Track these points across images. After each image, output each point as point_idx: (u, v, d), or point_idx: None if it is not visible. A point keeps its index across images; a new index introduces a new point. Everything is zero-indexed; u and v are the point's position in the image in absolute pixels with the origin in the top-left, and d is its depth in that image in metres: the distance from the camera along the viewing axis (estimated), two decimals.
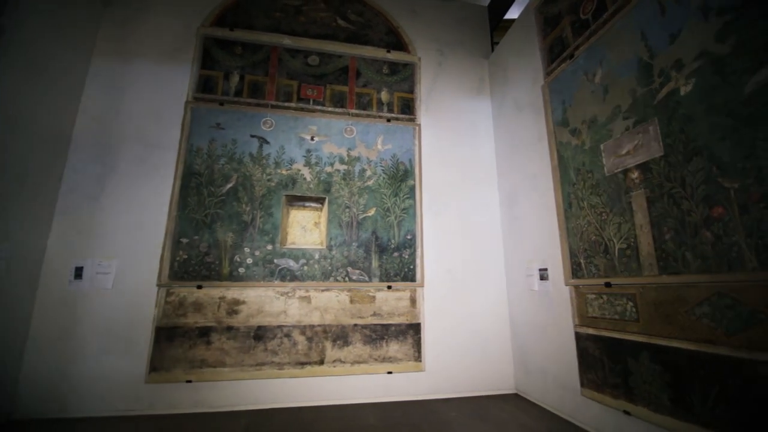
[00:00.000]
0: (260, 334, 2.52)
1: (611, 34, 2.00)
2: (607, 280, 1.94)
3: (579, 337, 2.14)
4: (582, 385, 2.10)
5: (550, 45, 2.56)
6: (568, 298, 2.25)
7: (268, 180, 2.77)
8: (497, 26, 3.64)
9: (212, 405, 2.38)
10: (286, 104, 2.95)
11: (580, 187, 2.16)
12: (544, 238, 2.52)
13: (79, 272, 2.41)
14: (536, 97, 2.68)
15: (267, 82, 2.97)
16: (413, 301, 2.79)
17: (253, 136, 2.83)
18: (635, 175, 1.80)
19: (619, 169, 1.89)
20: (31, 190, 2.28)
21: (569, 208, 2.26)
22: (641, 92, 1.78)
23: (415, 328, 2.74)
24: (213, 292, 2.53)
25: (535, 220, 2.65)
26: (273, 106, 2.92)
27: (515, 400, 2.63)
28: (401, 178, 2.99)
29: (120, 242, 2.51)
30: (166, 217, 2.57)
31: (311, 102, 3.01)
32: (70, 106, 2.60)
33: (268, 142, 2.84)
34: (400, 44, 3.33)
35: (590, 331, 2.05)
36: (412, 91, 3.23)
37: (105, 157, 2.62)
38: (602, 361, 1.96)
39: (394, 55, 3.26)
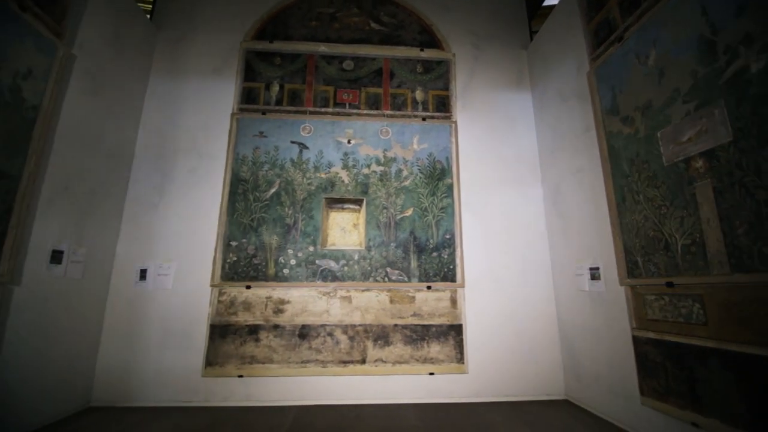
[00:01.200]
0: (304, 332, 2.61)
1: (665, 11, 1.84)
2: (669, 279, 1.77)
3: (637, 341, 1.98)
4: (642, 393, 1.94)
5: (596, 29, 2.40)
6: (623, 299, 2.09)
7: (309, 184, 2.86)
8: (535, 14, 3.49)
9: (261, 399, 2.50)
10: (324, 110, 3.04)
11: (635, 179, 2.00)
12: (595, 235, 2.37)
13: (143, 274, 2.65)
14: (581, 86, 2.52)
15: (305, 89, 3.08)
16: (454, 301, 2.74)
17: (293, 142, 2.94)
18: (699, 163, 1.63)
19: (680, 158, 1.72)
20: (102, 200, 2.54)
21: (622, 202, 2.10)
22: (703, 72, 1.62)
23: (456, 330, 2.69)
24: (260, 291, 2.66)
25: (584, 216, 2.50)
26: (311, 113, 3.02)
27: (566, 406, 2.49)
28: (438, 177, 2.96)
29: (177, 246, 2.72)
30: (217, 221, 2.75)
31: (347, 106, 3.07)
32: (132, 123, 2.87)
33: (307, 147, 2.94)
34: (433, 42, 3.29)
35: (650, 334, 1.89)
36: (447, 88, 3.18)
37: (163, 168, 2.86)
38: (665, 367, 1.80)
39: (428, 53, 3.24)
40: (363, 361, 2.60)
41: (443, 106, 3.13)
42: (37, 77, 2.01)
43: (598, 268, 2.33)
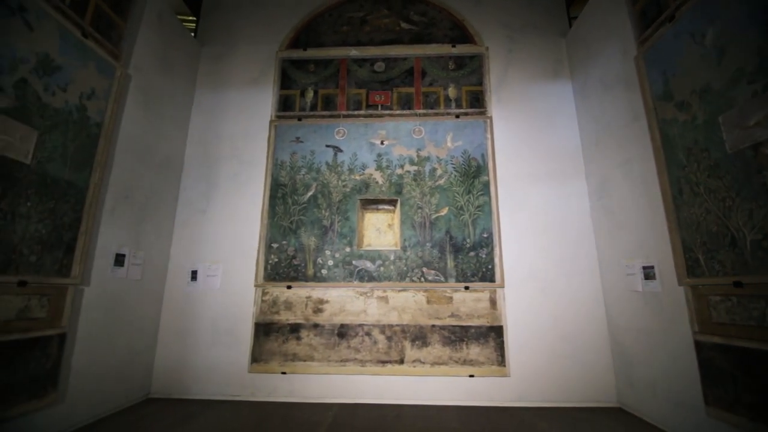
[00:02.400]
0: (343, 331, 2.66)
1: None
2: (737, 278, 1.61)
3: (700, 347, 1.81)
4: (707, 403, 1.77)
5: (642, 9, 2.23)
6: (683, 300, 1.93)
7: (344, 186, 2.92)
8: (574, 0, 3.31)
9: (304, 395, 2.58)
10: (356, 112, 3.08)
11: (694, 169, 1.84)
12: (648, 231, 2.20)
13: (194, 275, 2.83)
14: (628, 72, 2.36)
15: (338, 93, 3.14)
16: (493, 302, 2.67)
17: (328, 146, 3.01)
18: None
19: (747, 144, 1.56)
20: (156, 207, 2.75)
21: (679, 195, 1.94)
22: None
23: (496, 331, 2.62)
24: (300, 291, 2.75)
25: (634, 212, 2.33)
26: (344, 116, 3.08)
27: (618, 414, 2.33)
28: (474, 174, 2.89)
29: (224, 248, 2.88)
30: (258, 224, 2.88)
31: (379, 107, 3.09)
32: (181, 134, 3.08)
33: (341, 150, 2.99)
34: (465, 37, 3.23)
35: (716, 339, 1.73)
36: (480, 83, 3.10)
37: (209, 175, 3.04)
38: (733, 375, 1.63)
39: (460, 49, 3.18)
40: (401, 361, 2.60)
41: (477, 102, 3.06)
42: (99, 97, 2.21)
43: (652, 267, 2.16)
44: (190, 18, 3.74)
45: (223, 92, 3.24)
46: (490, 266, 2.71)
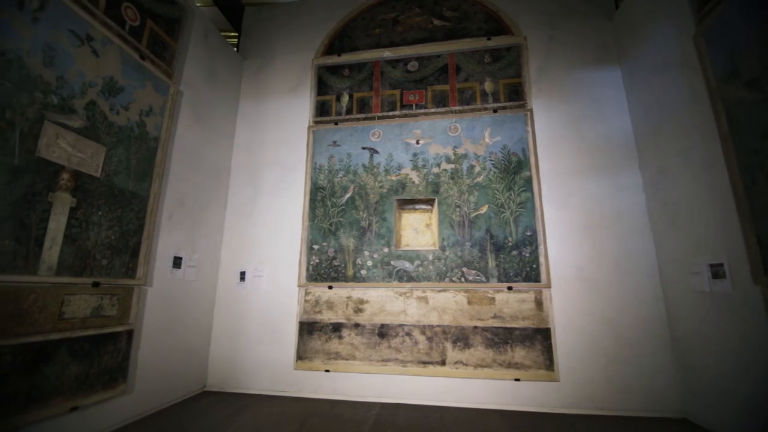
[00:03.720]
0: (384, 331, 2.68)
1: None
2: None
3: None
4: None
5: None
6: (759, 300, 1.72)
7: (380, 187, 2.94)
8: None
9: (347, 394, 2.63)
10: (391, 113, 3.09)
11: None
12: (715, 225, 1.99)
13: (242, 276, 3.00)
14: (685, 52, 2.15)
15: (372, 96, 3.17)
16: (539, 303, 2.55)
17: (364, 148, 3.05)
18: None
19: None
20: (207, 212, 2.94)
21: (752, 184, 1.73)
22: None
23: (543, 334, 2.50)
24: (341, 291, 2.81)
25: (698, 204, 2.12)
26: (379, 118, 3.10)
27: (684, 426, 2.13)
28: (514, 170, 2.78)
29: (269, 250, 3.02)
30: (300, 227, 2.99)
31: (414, 107, 3.08)
32: (228, 143, 3.27)
33: (377, 152, 3.02)
34: (501, 28, 3.12)
35: None
36: (519, 75, 2.98)
37: (254, 181, 3.21)
38: None
39: (496, 41, 3.08)
40: (443, 363, 2.56)
41: (516, 95, 2.95)
42: (156, 113, 2.41)
43: (721, 265, 1.95)
44: (233, 34, 3.97)
45: (265, 102, 3.41)
46: (534, 266, 2.60)
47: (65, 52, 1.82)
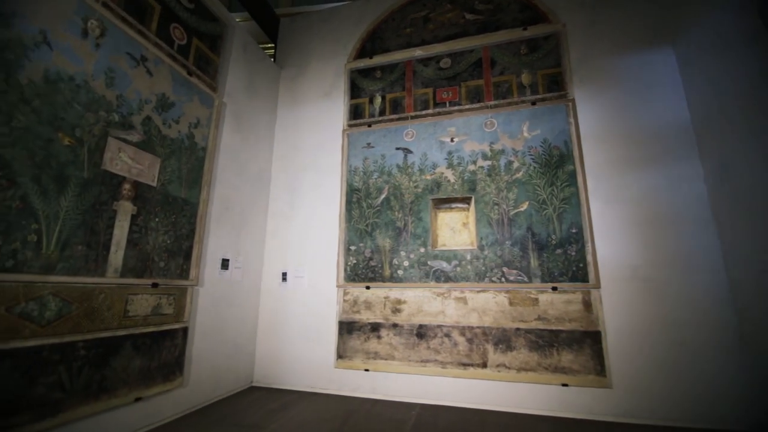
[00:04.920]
0: (422, 332, 2.66)
1: None
2: None
3: None
4: None
5: None
6: None
7: (415, 187, 2.92)
8: None
9: (386, 393, 2.64)
10: (424, 112, 3.07)
11: None
12: None
13: (284, 276, 3.12)
14: (752, 25, 1.93)
15: (405, 96, 3.17)
16: (587, 304, 2.40)
17: (398, 149, 3.05)
18: None
19: None
20: (250, 216, 3.09)
21: None
22: None
23: (593, 337, 2.35)
24: (378, 292, 2.83)
25: None
26: (412, 117, 3.09)
27: None
28: (556, 164, 2.65)
29: (308, 251, 3.12)
30: (337, 228, 3.05)
31: (447, 104, 3.03)
32: (268, 150, 3.42)
33: (411, 152, 3.01)
34: (537, 17, 2.98)
35: None
36: (558, 64, 2.83)
37: (292, 185, 3.33)
38: None
39: (532, 31, 2.95)
40: (484, 365, 2.49)
41: (556, 85, 2.80)
42: (203, 125, 2.58)
43: None
44: (270, 45, 4.15)
45: (300, 108, 3.52)
46: (581, 264, 2.45)
47: (123, 74, 2.00)
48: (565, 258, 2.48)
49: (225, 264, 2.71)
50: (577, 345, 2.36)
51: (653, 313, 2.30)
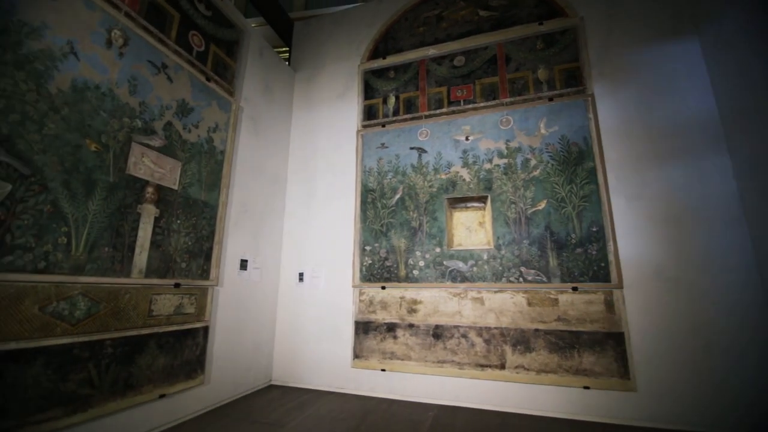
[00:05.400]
0: (438, 332, 2.64)
1: None
2: None
3: None
4: None
5: None
6: None
7: (430, 186, 2.91)
8: None
9: (402, 394, 2.64)
10: (438, 111, 3.05)
11: None
12: None
13: (301, 277, 3.16)
14: None
15: (418, 95, 3.16)
16: (609, 305, 2.33)
17: (412, 148, 3.04)
18: None
19: None
20: (268, 218, 3.15)
21: None
22: None
23: (616, 339, 2.28)
24: (394, 292, 2.83)
25: None
26: (426, 117, 3.07)
27: None
28: (575, 161, 2.58)
29: (324, 252, 3.15)
30: (352, 229, 3.07)
31: (462, 102, 3.00)
32: (284, 152, 3.47)
33: (425, 151, 3.00)
34: (553, 11, 2.92)
35: None
36: (576, 59, 2.77)
37: (308, 186, 3.37)
38: None
39: (548, 26, 2.89)
40: (502, 367, 2.46)
41: (574, 80, 2.74)
42: (221, 129, 2.64)
43: None
44: (284, 49, 4.21)
45: (315, 110, 3.56)
46: (602, 264, 2.38)
47: (145, 81, 2.07)
48: (585, 257, 2.42)
49: (243, 264, 2.77)
50: (600, 347, 2.29)
51: (680, 314, 2.21)
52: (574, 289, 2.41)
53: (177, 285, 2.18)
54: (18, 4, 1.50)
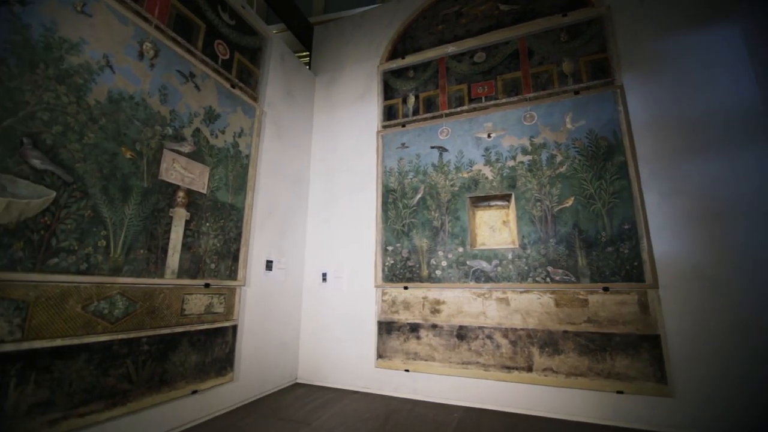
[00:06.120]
0: (462, 333, 2.61)
1: None
2: None
3: None
4: None
5: None
6: None
7: (452, 185, 2.88)
8: None
9: (427, 394, 2.62)
10: (459, 109, 3.01)
11: None
12: None
13: (324, 277, 3.20)
14: None
15: (438, 94, 3.13)
16: (644, 306, 2.23)
17: (433, 147, 3.02)
18: None
19: None
20: (291, 219, 3.21)
21: None
22: None
23: (651, 341, 2.17)
24: (417, 292, 2.81)
25: None
26: (447, 115, 3.04)
27: None
28: (604, 156, 2.48)
29: (347, 252, 3.18)
30: (374, 229, 3.08)
31: (483, 99, 2.95)
32: (306, 154, 3.53)
33: (446, 150, 2.97)
34: (577, 1, 2.81)
35: None
36: (603, 49, 2.66)
37: (330, 188, 3.41)
38: None
39: (573, 17, 2.79)
40: (529, 369, 2.40)
41: (601, 72, 2.63)
42: (246, 134, 2.71)
43: None
44: (305, 53, 4.28)
45: (336, 112, 3.60)
46: (635, 263, 2.28)
47: (175, 90, 2.15)
48: (617, 256, 2.32)
49: (269, 265, 2.84)
50: (633, 349, 2.19)
51: (721, 316, 2.08)
52: (605, 289, 2.31)
53: (207, 285, 2.26)
54: (59, 21, 1.60)
